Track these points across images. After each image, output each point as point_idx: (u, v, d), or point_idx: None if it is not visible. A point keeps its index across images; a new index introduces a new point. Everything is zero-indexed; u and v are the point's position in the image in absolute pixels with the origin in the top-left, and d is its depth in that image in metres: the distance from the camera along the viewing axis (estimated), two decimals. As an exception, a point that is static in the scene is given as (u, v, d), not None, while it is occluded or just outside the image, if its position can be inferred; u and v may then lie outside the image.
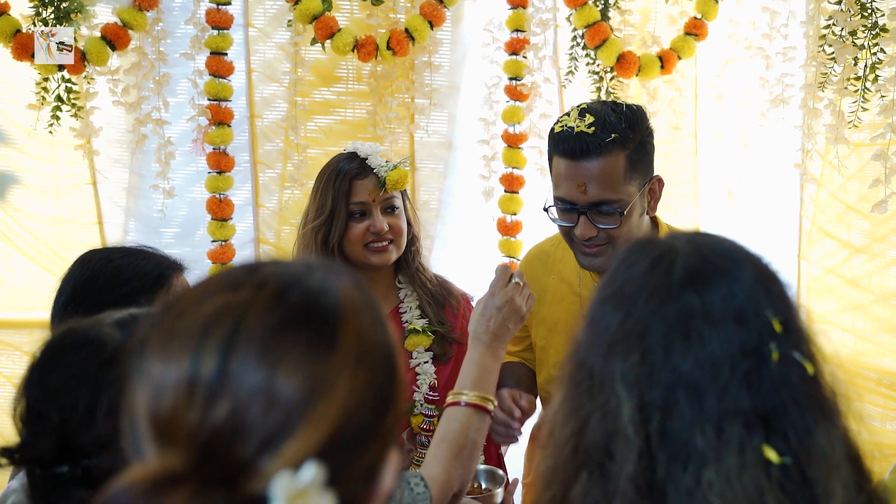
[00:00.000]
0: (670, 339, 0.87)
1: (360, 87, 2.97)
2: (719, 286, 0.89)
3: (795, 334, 0.89)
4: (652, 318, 0.88)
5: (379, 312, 0.77)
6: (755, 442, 0.84)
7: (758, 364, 0.86)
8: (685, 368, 0.86)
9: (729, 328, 0.87)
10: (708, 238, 0.97)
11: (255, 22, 2.94)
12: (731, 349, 0.86)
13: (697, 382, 0.85)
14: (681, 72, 3.03)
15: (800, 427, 0.86)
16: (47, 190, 2.88)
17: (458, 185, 3.11)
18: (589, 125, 1.66)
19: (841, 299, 3.10)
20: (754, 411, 0.85)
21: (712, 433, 0.84)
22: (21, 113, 2.70)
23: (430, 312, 2.06)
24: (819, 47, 2.78)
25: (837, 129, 2.77)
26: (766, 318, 0.88)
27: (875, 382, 3.05)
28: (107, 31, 2.64)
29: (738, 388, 0.85)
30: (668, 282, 0.90)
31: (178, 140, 2.86)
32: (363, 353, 0.69)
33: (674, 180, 3.19)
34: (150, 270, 1.53)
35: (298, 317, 0.68)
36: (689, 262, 0.91)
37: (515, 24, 2.89)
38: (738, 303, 0.88)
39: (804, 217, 3.12)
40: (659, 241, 0.97)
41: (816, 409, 0.87)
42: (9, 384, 2.92)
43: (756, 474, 0.83)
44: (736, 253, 0.94)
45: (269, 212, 3.02)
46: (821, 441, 0.86)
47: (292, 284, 0.70)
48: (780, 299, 0.91)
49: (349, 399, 0.66)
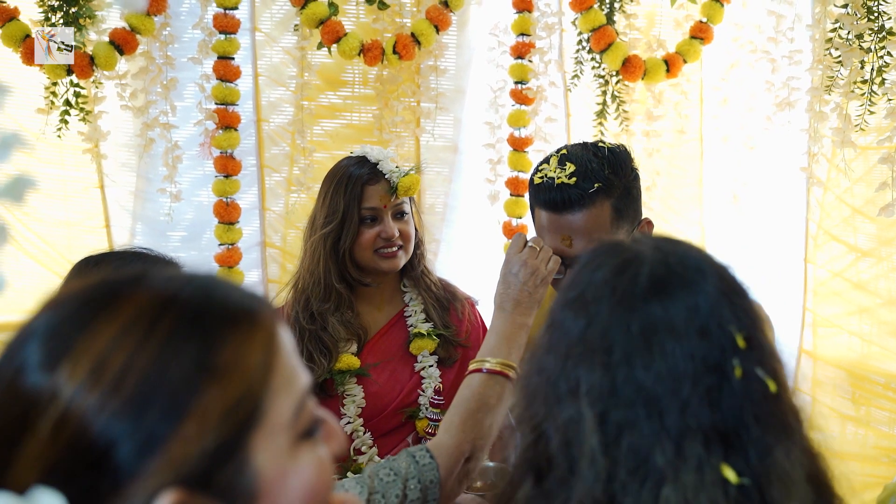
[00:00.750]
0: (632, 352, 0.85)
1: (366, 91, 2.98)
2: (684, 298, 0.87)
3: (759, 350, 0.87)
4: (614, 328, 0.86)
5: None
6: (714, 460, 0.82)
7: (720, 380, 0.84)
8: (647, 383, 0.84)
9: (692, 342, 0.85)
10: (675, 246, 0.94)
11: (261, 26, 2.95)
12: (693, 364, 0.84)
13: (659, 397, 0.83)
14: (686, 75, 3.03)
15: (760, 446, 0.83)
16: (55, 193, 2.89)
17: (464, 188, 3.11)
18: (570, 175, 1.58)
19: (848, 303, 3.10)
20: (715, 428, 0.83)
21: (672, 450, 0.82)
22: (30, 117, 2.71)
23: (435, 316, 2.06)
24: (825, 51, 2.77)
25: (844, 133, 2.76)
26: (729, 334, 0.86)
27: (882, 387, 3.05)
28: (115, 35, 2.65)
29: (700, 405, 0.83)
30: (633, 291, 0.88)
31: (186, 144, 2.87)
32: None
33: (679, 184, 3.20)
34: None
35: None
36: (655, 270, 0.89)
37: (521, 28, 2.89)
38: (702, 316, 0.86)
39: (810, 221, 3.12)
40: (624, 246, 0.94)
41: (777, 428, 0.85)
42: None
43: (714, 493, 0.81)
44: (702, 263, 0.92)
45: (276, 215, 3.03)
46: (780, 461, 0.84)
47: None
48: (744, 314, 0.89)
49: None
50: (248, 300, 0.67)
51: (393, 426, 2.00)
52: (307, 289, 1.98)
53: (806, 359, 3.19)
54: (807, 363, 3.19)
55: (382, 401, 1.98)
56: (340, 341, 1.96)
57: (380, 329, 2.05)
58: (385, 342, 2.04)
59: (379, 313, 2.06)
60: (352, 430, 1.95)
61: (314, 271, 1.98)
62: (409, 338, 2.04)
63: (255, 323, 0.66)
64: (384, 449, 1.97)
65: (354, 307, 2.01)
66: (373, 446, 1.97)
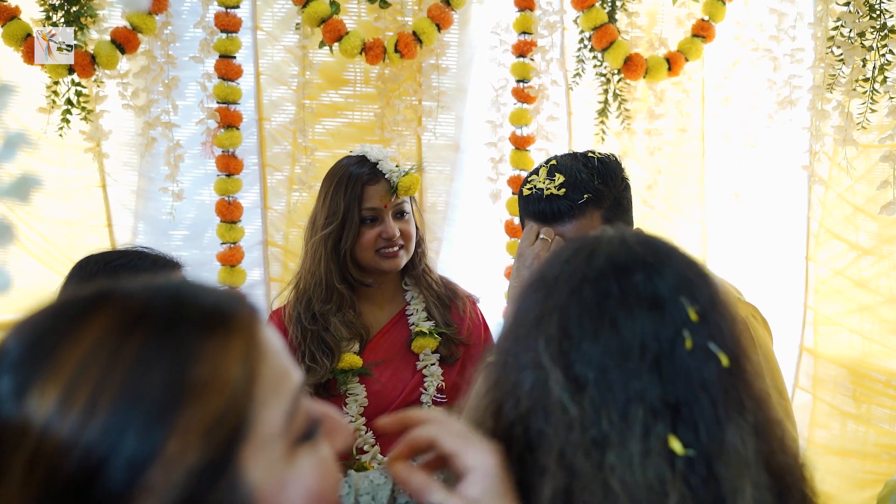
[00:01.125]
0: (585, 322, 0.86)
1: (367, 89, 2.98)
2: (639, 274, 0.88)
3: (714, 326, 0.87)
4: (569, 299, 0.88)
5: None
6: (660, 430, 0.83)
7: (670, 351, 0.85)
8: (596, 351, 0.85)
9: (643, 313, 0.86)
10: (640, 235, 0.95)
11: (263, 25, 2.95)
12: (643, 334, 0.85)
13: (607, 366, 0.84)
14: (688, 74, 3.03)
15: (710, 420, 0.84)
16: (57, 192, 2.90)
17: (466, 187, 3.11)
18: (559, 186, 1.57)
19: (849, 301, 3.10)
20: (663, 399, 0.83)
21: (617, 417, 0.83)
22: (32, 116, 2.71)
23: (437, 314, 2.06)
24: (827, 49, 2.77)
25: (845, 131, 2.76)
26: (682, 306, 0.87)
27: (883, 384, 3.05)
28: (116, 34, 2.66)
29: (648, 374, 0.84)
30: (589, 268, 0.89)
31: (187, 143, 2.87)
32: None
33: (680, 182, 3.20)
34: (146, 269, 1.55)
35: None
36: (612, 251, 0.91)
37: (523, 27, 2.89)
38: (655, 289, 0.87)
39: (812, 219, 3.12)
40: (588, 236, 0.96)
41: (730, 404, 0.85)
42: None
43: (659, 464, 0.82)
44: (665, 248, 0.93)
45: (278, 214, 3.03)
46: (731, 437, 0.84)
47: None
48: (701, 293, 0.89)
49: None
50: (222, 305, 0.63)
51: (395, 425, 2.00)
52: (309, 289, 1.99)
53: (807, 356, 3.19)
54: (808, 361, 3.19)
55: (385, 399, 1.98)
56: (343, 341, 1.96)
57: (382, 328, 2.05)
58: (387, 341, 2.04)
59: (381, 312, 2.06)
60: (354, 430, 1.96)
61: (315, 272, 1.98)
62: (410, 336, 2.04)
63: (231, 329, 0.62)
64: (387, 447, 1.98)
65: (356, 307, 2.01)
66: (375, 445, 1.97)
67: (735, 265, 3.13)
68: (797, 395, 3.19)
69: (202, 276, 2.26)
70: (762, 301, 2.18)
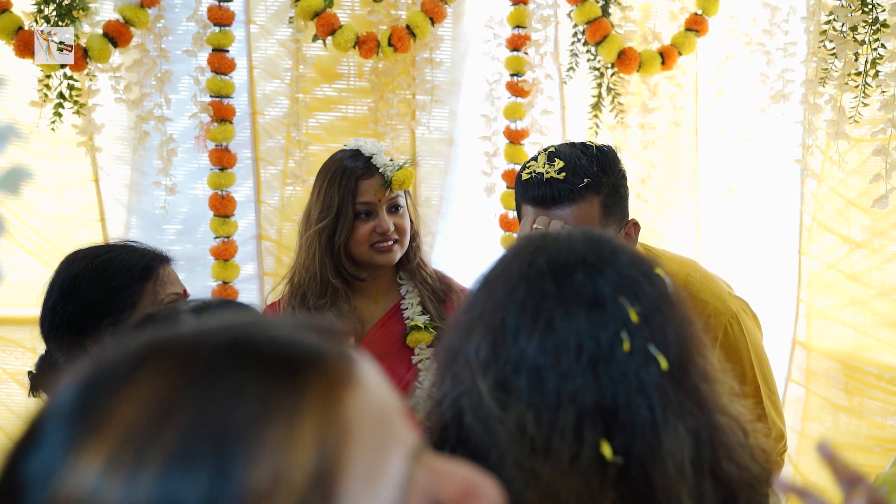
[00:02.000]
0: (520, 321, 0.84)
1: (361, 83, 2.98)
2: (579, 273, 0.86)
3: (656, 328, 0.85)
4: (507, 299, 0.86)
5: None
6: (591, 435, 0.80)
7: (608, 352, 0.83)
8: (530, 351, 0.83)
9: (581, 313, 0.84)
10: (588, 233, 0.93)
11: (256, 19, 2.94)
12: (579, 334, 0.83)
13: (540, 366, 0.82)
14: (681, 68, 3.04)
15: (646, 425, 0.81)
16: (50, 187, 2.89)
17: (460, 181, 3.11)
18: (559, 170, 1.57)
19: (841, 294, 3.11)
20: (598, 402, 0.81)
21: (548, 420, 0.80)
22: (23, 110, 2.70)
23: (432, 308, 2.06)
24: (820, 43, 2.78)
25: (838, 125, 2.77)
26: (622, 307, 0.85)
27: (875, 377, 3.06)
28: (109, 28, 2.64)
29: (583, 376, 0.81)
30: (529, 266, 0.88)
31: (180, 137, 2.86)
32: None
33: (674, 176, 3.20)
34: (135, 263, 1.55)
35: None
36: (555, 249, 0.89)
37: (516, 21, 2.89)
38: (595, 289, 0.85)
39: (805, 212, 3.13)
40: (533, 235, 0.95)
41: (670, 409, 0.82)
42: (12, 381, 2.92)
43: (590, 470, 0.79)
44: (611, 246, 0.90)
45: (271, 208, 3.03)
46: (668, 443, 0.81)
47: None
48: (645, 293, 0.87)
49: None
50: (290, 363, 0.47)
51: (390, 418, 2.00)
52: (303, 284, 1.98)
53: (800, 350, 3.20)
54: (801, 354, 3.20)
55: (380, 393, 1.98)
56: (337, 335, 1.96)
57: (376, 322, 2.05)
58: (382, 335, 2.04)
59: (375, 306, 2.06)
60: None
61: (309, 266, 1.98)
62: (405, 330, 2.04)
63: (301, 400, 0.45)
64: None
65: (351, 301, 2.01)
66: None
67: (728, 259, 3.13)
68: (790, 388, 3.20)
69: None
70: (755, 295, 2.19)
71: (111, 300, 1.51)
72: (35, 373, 1.56)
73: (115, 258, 1.55)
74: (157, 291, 1.54)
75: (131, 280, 1.52)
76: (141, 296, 1.53)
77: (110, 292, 1.51)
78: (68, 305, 1.51)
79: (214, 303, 1.25)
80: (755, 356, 1.74)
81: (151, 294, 1.54)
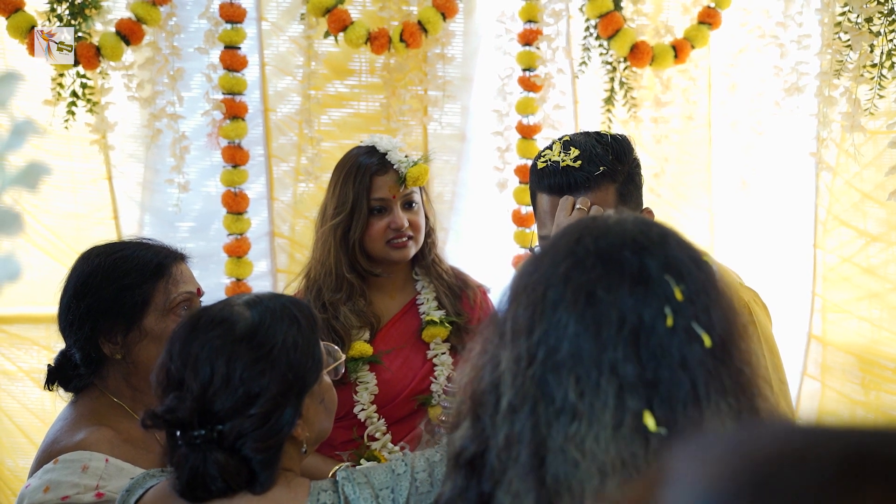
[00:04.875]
0: (562, 294, 0.86)
1: (373, 79, 2.97)
2: (626, 252, 0.88)
3: (700, 308, 0.86)
4: (551, 272, 0.88)
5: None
6: (633, 405, 0.82)
7: (650, 327, 0.84)
8: (572, 321, 0.85)
9: (624, 288, 0.85)
10: (640, 218, 0.94)
11: (268, 16, 2.94)
12: (621, 308, 0.84)
13: (580, 336, 0.84)
14: (694, 61, 3.02)
15: (688, 400, 0.83)
16: (64, 185, 2.90)
17: (472, 176, 3.11)
18: (575, 158, 1.57)
19: (857, 288, 3.09)
20: (639, 374, 0.83)
21: (589, 390, 0.82)
22: (37, 108, 2.71)
23: (447, 304, 2.06)
24: (834, 34, 2.75)
25: (853, 117, 2.75)
26: (667, 284, 0.86)
27: (892, 371, 3.04)
28: (121, 26, 2.65)
29: (624, 347, 0.83)
30: (576, 245, 0.90)
31: (193, 134, 2.87)
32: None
33: (687, 170, 3.19)
34: (148, 260, 1.55)
35: None
36: (606, 228, 0.91)
37: (528, 15, 2.88)
38: (641, 267, 0.87)
39: (820, 206, 3.11)
40: (584, 218, 0.97)
41: (712, 386, 0.84)
42: (28, 379, 2.94)
43: (633, 438, 0.81)
44: (662, 230, 0.92)
45: (284, 205, 3.03)
46: (710, 419, 0.83)
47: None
48: (691, 275, 0.88)
49: None
50: None
51: (406, 413, 2.00)
52: (319, 279, 1.99)
53: (815, 344, 3.18)
54: (816, 348, 3.19)
55: (395, 388, 1.98)
56: (353, 329, 1.96)
57: (392, 317, 2.05)
58: (397, 330, 2.04)
59: (391, 301, 2.06)
60: (365, 417, 1.96)
61: (325, 262, 1.98)
62: (421, 325, 2.04)
63: None
64: (398, 436, 1.98)
65: (367, 296, 2.01)
66: (386, 433, 1.97)
67: (742, 253, 3.12)
68: (805, 382, 3.19)
69: (208, 265, 2.27)
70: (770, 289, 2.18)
71: (122, 298, 1.51)
72: (53, 367, 1.57)
73: (128, 256, 1.55)
74: (169, 290, 1.54)
75: (143, 279, 1.53)
76: (152, 294, 1.53)
77: (121, 290, 1.51)
78: (81, 303, 1.51)
79: (266, 297, 1.28)
80: (766, 346, 1.74)
81: (163, 293, 1.53)
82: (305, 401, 1.23)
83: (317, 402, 1.26)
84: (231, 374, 1.16)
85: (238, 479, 1.17)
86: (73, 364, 1.54)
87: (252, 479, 1.18)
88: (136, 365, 1.53)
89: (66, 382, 1.56)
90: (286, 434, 1.20)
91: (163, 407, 1.17)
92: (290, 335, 1.22)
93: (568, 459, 0.81)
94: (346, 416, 1.94)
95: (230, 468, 1.16)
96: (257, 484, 1.18)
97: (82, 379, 1.54)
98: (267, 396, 1.17)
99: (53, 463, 1.42)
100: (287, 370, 1.20)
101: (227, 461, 1.16)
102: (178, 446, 1.17)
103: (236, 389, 1.16)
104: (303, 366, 1.22)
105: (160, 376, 1.20)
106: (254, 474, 1.18)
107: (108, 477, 1.41)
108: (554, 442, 0.82)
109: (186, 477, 1.17)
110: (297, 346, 1.22)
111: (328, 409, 1.30)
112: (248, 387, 1.16)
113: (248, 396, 1.16)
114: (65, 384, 1.56)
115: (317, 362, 1.26)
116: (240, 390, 1.16)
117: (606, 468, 0.81)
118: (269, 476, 1.19)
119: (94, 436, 1.46)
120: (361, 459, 1.92)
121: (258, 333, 1.20)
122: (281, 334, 1.21)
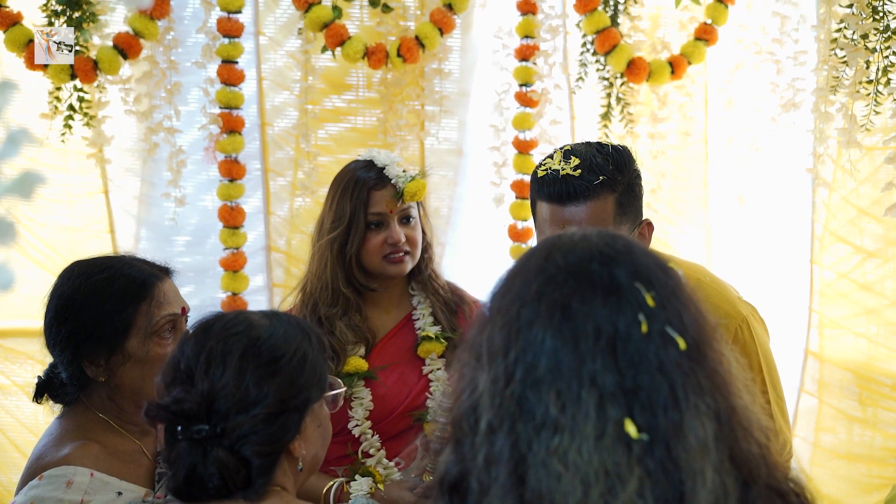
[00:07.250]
0: (536, 311, 0.88)
1: (370, 94, 2.98)
2: (595, 265, 0.90)
3: (672, 312, 0.88)
4: (523, 292, 0.90)
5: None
6: (614, 414, 0.83)
7: (626, 335, 0.86)
8: (548, 337, 0.86)
9: (598, 300, 0.87)
10: (602, 232, 0.96)
11: (265, 30, 2.95)
12: (596, 319, 0.86)
13: (558, 350, 0.85)
14: (691, 77, 3.03)
15: (668, 403, 0.84)
16: (60, 198, 2.89)
17: (469, 191, 3.11)
18: (575, 167, 1.59)
19: (854, 304, 3.09)
20: (618, 383, 0.84)
21: (570, 402, 0.83)
22: (34, 121, 2.71)
23: (443, 319, 2.05)
24: (830, 51, 2.76)
25: (849, 133, 2.75)
26: (638, 291, 0.88)
27: (889, 388, 3.03)
28: (118, 40, 2.65)
29: (602, 358, 0.85)
30: (545, 263, 0.91)
31: (190, 148, 2.87)
32: None
33: (684, 185, 3.19)
34: (131, 282, 1.51)
35: None
36: (572, 244, 0.93)
37: (525, 31, 2.89)
38: (611, 277, 0.88)
39: (816, 222, 3.11)
40: (549, 237, 0.98)
41: (690, 388, 0.86)
42: (22, 393, 2.92)
43: (615, 448, 0.82)
44: (626, 242, 0.93)
45: (281, 219, 3.03)
46: (690, 420, 0.84)
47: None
48: (660, 281, 0.90)
49: None
50: None
51: (401, 429, 1.99)
52: (315, 293, 1.98)
53: (812, 360, 3.17)
54: (813, 365, 3.18)
55: (390, 404, 1.97)
56: (348, 345, 1.95)
57: (388, 332, 2.04)
58: (393, 345, 2.03)
59: (387, 316, 2.05)
60: (360, 433, 1.95)
61: (321, 276, 1.97)
62: (417, 341, 2.03)
63: None
64: (392, 452, 1.96)
65: (362, 311, 2.00)
66: (381, 449, 1.96)
67: (739, 269, 3.11)
68: (802, 399, 3.18)
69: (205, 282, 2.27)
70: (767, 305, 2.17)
71: (103, 324, 1.48)
72: (43, 380, 1.56)
73: (110, 277, 1.51)
74: (153, 313, 1.51)
75: (124, 304, 1.49)
76: (135, 318, 1.49)
77: (102, 316, 1.48)
78: (62, 328, 1.49)
79: (280, 313, 1.32)
80: (764, 361, 1.74)
81: (146, 316, 1.50)
82: (306, 419, 1.24)
83: (316, 424, 1.27)
84: (242, 375, 1.18)
85: (235, 480, 1.17)
86: (60, 380, 1.52)
87: (247, 484, 1.18)
88: (120, 388, 1.51)
89: (55, 395, 1.55)
90: (286, 443, 1.21)
91: (169, 398, 1.18)
92: (301, 348, 1.25)
93: (551, 473, 0.83)
94: (341, 432, 1.93)
95: (229, 467, 1.16)
96: (252, 490, 1.18)
97: (69, 395, 1.53)
98: (272, 400, 1.19)
99: (38, 479, 1.41)
100: (294, 379, 1.22)
101: (227, 459, 1.16)
102: (177, 442, 1.17)
103: (244, 390, 1.18)
104: (309, 379, 1.25)
105: (167, 373, 1.22)
106: (250, 479, 1.18)
107: (92, 491, 1.40)
108: (535, 458, 0.83)
109: (184, 474, 1.17)
110: (307, 359, 1.25)
111: (324, 438, 1.31)
112: (256, 389, 1.18)
113: (255, 398, 1.18)
114: (54, 397, 1.55)
115: (321, 380, 1.29)
116: (248, 391, 1.18)
117: (589, 479, 0.82)
118: (265, 483, 1.19)
119: (79, 451, 1.44)
120: (356, 475, 1.90)
121: (272, 340, 1.23)
122: (294, 344, 1.24)
